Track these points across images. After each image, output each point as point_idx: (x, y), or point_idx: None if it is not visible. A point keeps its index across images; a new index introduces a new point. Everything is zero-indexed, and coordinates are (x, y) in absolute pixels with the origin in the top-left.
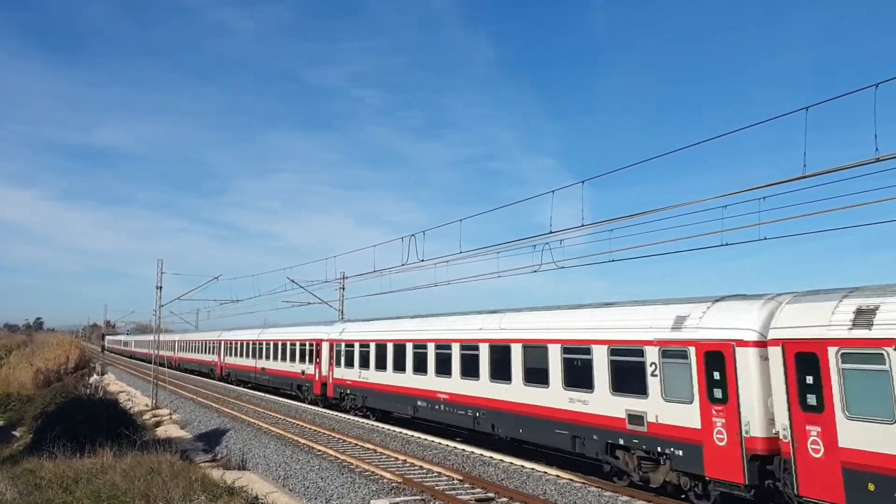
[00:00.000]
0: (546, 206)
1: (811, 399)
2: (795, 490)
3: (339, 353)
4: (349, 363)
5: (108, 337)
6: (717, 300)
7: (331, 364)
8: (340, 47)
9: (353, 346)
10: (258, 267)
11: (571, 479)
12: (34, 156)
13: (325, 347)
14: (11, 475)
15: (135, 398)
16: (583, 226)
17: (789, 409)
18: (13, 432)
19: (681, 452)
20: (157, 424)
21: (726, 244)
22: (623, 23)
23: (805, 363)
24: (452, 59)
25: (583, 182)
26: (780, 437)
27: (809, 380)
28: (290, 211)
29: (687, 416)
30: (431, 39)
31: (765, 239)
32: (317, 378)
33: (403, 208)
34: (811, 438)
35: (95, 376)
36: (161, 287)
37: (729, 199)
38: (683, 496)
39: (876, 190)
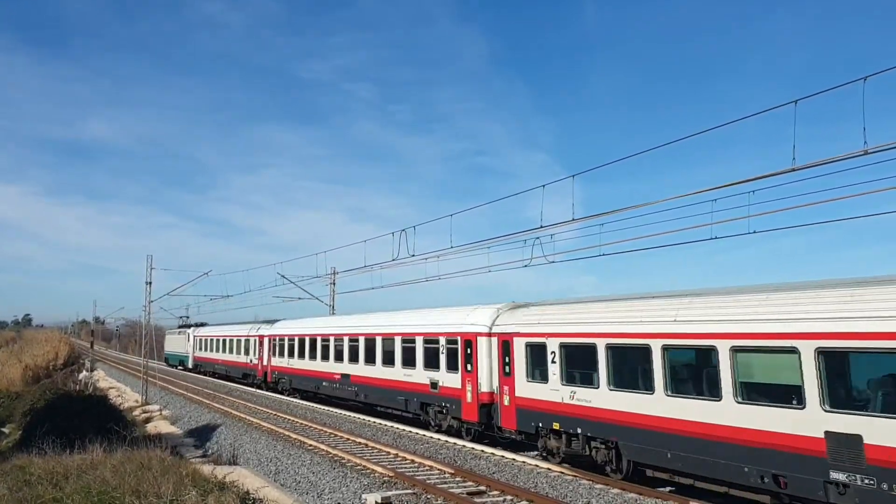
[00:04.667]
0: (537, 200)
1: (507, 369)
2: (499, 424)
3: (274, 346)
4: (281, 354)
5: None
6: (476, 308)
7: (269, 355)
8: (330, 41)
9: (283, 340)
10: (249, 263)
11: (562, 472)
12: (19, 151)
13: (265, 342)
14: (1, 472)
15: (125, 394)
16: (573, 220)
17: (498, 375)
18: (2, 429)
19: (453, 406)
20: (148, 420)
21: (716, 237)
22: (615, 18)
23: (505, 347)
24: (443, 54)
25: (573, 176)
26: (494, 392)
27: (507, 358)
28: (280, 206)
29: (456, 380)
30: (422, 33)
31: (754, 232)
32: (259, 367)
33: (395, 203)
34: (505, 393)
35: (85, 372)
36: (150, 283)
37: (718, 192)
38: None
39: (864, 183)
